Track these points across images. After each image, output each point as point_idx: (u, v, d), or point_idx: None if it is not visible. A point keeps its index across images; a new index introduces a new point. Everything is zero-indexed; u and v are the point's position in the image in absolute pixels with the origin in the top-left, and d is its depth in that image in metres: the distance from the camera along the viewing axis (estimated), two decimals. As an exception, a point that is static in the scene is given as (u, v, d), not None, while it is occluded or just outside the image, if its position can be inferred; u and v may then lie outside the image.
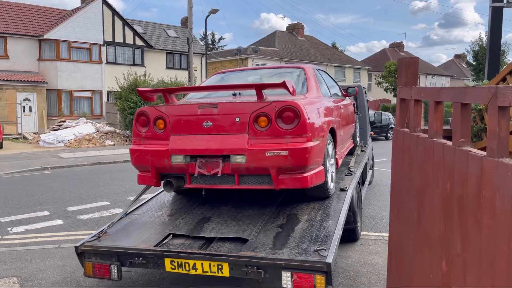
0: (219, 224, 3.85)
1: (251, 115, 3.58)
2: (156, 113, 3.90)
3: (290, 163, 3.49)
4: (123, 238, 3.84)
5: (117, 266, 3.54)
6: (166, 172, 3.93)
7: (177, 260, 3.38)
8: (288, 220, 3.84)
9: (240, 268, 3.21)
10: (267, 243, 3.40)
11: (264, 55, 33.52)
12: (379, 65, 45.05)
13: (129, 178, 10.16)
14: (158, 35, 30.30)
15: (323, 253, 3.11)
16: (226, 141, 3.60)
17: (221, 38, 62.13)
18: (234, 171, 3.64)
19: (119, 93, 17.61)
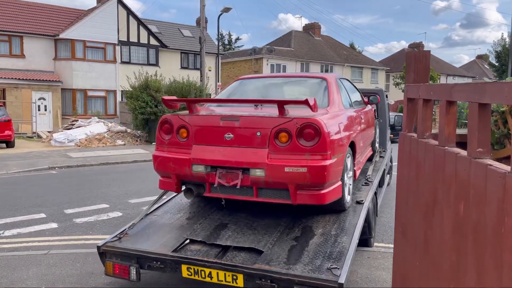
0: (235, 232, 3.91)
1: (272, 130, 3.64)
2: (179, 122, 3.99)
3: (309, 180, 3.53)
4: (143, 241, 3.92)
5: (136, 268, 3.66)
6: (187, 179, 4.05)
7: (193, 267, 3.47)
8: (303, 233, 3.86)
9: (254, 280, 3.27)
10: (281, 257, 3.43)
11: (279, 55, 33.09)
12: (397, 65, 44.06)
13: (133, 180, 9.91)
14: (173, 35, 30.20)
15: (336, 272, 3.12)
16: (246, 154, 3.68)
17: (238, 38, 61.88)
18: (253, 184, 3.72)
19: (130, 92, 17.46)
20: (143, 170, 11.56)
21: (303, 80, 5.46)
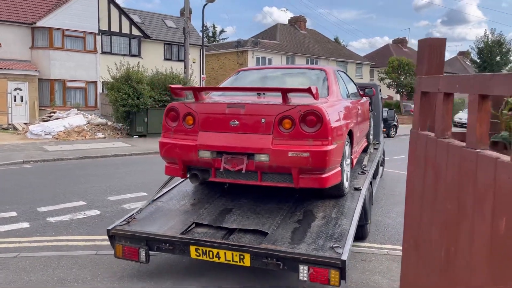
0: (240, 216, 4.13)
1: (276, 117, 3.82)
2: (186, 110, 4.14)
3: (311, 164, 3.73)
4: (150, 224, 4.08)
5: (145, 250, 3.83)
6: (193, 165, 4.22)
7: (201, 248, 3.65)
8: (305, 216, 4.10)
9: (260, 259, 3.48)
10: (285, 237, 3.65)
11: (265, 48, 32.70)
12: (381, 60, 44.16)
13: (113, 175, 9.47)
14: (156, 26, 29.46)
15: (339, 250, 3.35)
16: (252, 140, 3.86)
17: (222, 30, 61.24)
18: (257, 168, 3.91)
19: (111, 83, 16.86)
20: (124, 164, 11.11)
21: (303, 72, 5.67)
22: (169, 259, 4.74)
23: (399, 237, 5.66)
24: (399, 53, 45.19)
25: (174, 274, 4.38)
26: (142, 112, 16.53)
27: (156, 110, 17.08)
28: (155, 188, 8.21)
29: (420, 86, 2.18)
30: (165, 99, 17.20)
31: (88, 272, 4.38)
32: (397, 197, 7.86)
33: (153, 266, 4.50)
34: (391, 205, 7.29)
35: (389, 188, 8.62)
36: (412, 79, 31.70)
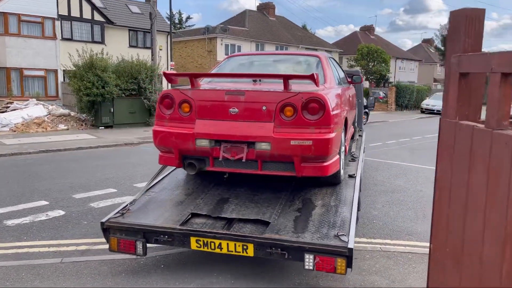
0: (238, 205, 4.05)
1: (278, 104, 3.72)
2: (181, 97, 3.98)
3: (314, 153, 3.66)
4: (146, 216, 3.93)
5: (142, 243, 3.69)
6: (189, 154, 4.06)
7: (203, 239, 3.56)
8: (304, 205, 4.07)
9: (265, 249, 3.43)
10: (288, 227, 3.61)
11: (234, 34, 31.99)
12: (349, 48, 44.33)
13: (78, 170, 8.78)
14: (119, 11, 28.15)
15: (344, 238, 3.33)
16: (252, 128, 3.75)
17: (189, 17, 59.68)
18: (258, 157, 3.80)
19: (73, 72, 15.82)
20: (89, 158, 10.39)
21: (297, 58, 5.52)
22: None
23: (388, 230, 5.42)
24: (366, 40, 45.50)
25: (152, 282, 3.92)
26: (108, 102, 15.65)
27: (123, 99, 16.24)
28: (126, 184, 7.67)
29: (459, 67, 1.81)
30: (132, 87, 16.36)
31: (51, 284, 3.85)
32: (379, 187, 7.65)
33: (128, 273, 4.03)
34: (375, 195, 7.06)
35: (370, 177, 8.41)
36: (380, 66, 31.94)
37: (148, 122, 16.97)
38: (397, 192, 7.31)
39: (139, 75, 16.33)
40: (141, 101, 16.59)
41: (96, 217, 5.75)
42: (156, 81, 17.15)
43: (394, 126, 19.53)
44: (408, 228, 5.47)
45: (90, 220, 5.63)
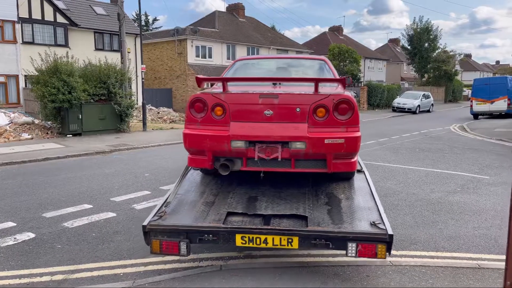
0: (269, 202, 4.22)
1: (311, 106, 3.95)
2: (214, 100, 4.09)
3: (345, 150, 3.93)
4: (183, 217, 3.99)
5: (186, 243, 3.75)
6: (223, 155, 4.16)
7: (248, 236, 3.71)
8: (330, 199, 4.34)
9: (309, 241, 3.67)
10: (325, 219, 3.85)
11: (204, 36, 31.37)
12: (320, 48, 44.54)
13: (47, 184, 8.05)
14: (84, 13, 27.01)
15: (381, 226, 3.64)
16: (287, 129, 3.94)
17: (155, 19, 58.46)
18: (292, 156, 4.01)
19: (36, 77, 14.84)
20: (58, 170, 9.64)
21: (305, 61, 5.86)
22: None
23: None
24: (335, 41, 45.86)
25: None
26: (76, 108, 14.78)
27: (92, 105, 15.40)
28: (102, 198, 7.07)
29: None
30: (101, 92, 15.55)
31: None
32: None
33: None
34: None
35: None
36: (352, 66, 32.15)
37: (120, 128, 16.20)
38: (389, 196, 7.05)
39: (108, 79, 15.55)
40: (111, 107, 15.80)
41: (71, 239, 5.16)
42: (127, 85, 16.40)
43: (370, 126, 19.53)
44: (410, 236, 5.18)
45: (64, 243, 5.03)
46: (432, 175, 8.70)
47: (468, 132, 17.24)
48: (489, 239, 5.09)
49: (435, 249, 4.79)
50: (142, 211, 6.24)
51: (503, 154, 11.43)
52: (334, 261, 4.43)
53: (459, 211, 6.19)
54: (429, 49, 46.03)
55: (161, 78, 32.21)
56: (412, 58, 47.47)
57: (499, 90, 23.54)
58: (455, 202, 6.68)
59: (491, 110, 24.02)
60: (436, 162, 10.13)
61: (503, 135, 15.34)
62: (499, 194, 7.15)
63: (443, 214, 6.05)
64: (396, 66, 59.02)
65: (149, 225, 3.82)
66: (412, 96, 31.39)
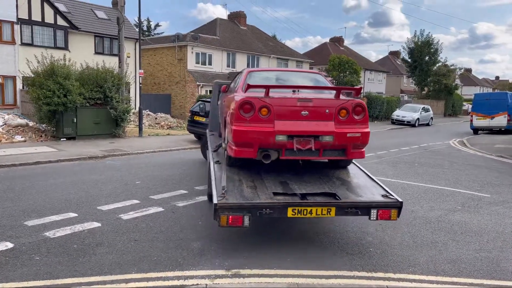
0: (298, 185, 5.27)
1: (337, 108, 5.14)
2: (261, 103, 5.02)
3: (361, 142, 5.22)
4: (241, 197, 4.81)
5: (249, 217, 4.63)
6: (266, 147, 5.10)
7: (297, 208, 4.74)
8: (341, 181, 5.57)
9: (343, 210, 4.85)
10: (349, 194, 5.09)
11: (205, 43, 31.27)
12: (320, 59, 44.52)
13: (34, 190, 7.76)
14: (85, 16, 26.91)
15: (392, 196, 5.02)
16: (319, 126, 5.07)
17: (158, 25, 58.56)
18: (321, 147, 5.11)
19: (32, 79, 14.62)
20: (48, 174, 9.37)
21: (307, 75, 7.04)
22: None
23: (387, 260, 4.85)
24: (336, 51, 45.85)
25: None
26: (71, 112, 14.55)
27: (87, 109, 15.16)
28: (89, 207, 6.80)
29: None
30: (97, 96, 15.32)
31: None
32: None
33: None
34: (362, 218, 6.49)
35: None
36: (352, 77, 32.04)
37: (115, 133, 15.94)
38: (387, 212, 6.79)
39: (105, 83, 15.34)
40: (107, 111, 15.56)
41: (51, 250, 4.89)
42: (124, 89, 16.19)
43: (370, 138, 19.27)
44: (409, 258, 4.93)
45: (43, 255, 4.75)
46: (431, 191, 8.45)
47: (468, 147, 17.02)
48: (491, 262, 4.84)
49: (435, 272, 4.53)
50: (128, 222, 5.98)
51: (504, 172, 11.19)
52: (327, 283, 4.18)
53: (460, 231, 5.94)
54: (430, 62, 46.01)
55: (160, 83, 32.05)
56: (412, 71, 47.44)
57: (500, 105, 23.40)
58: (456, 221, 6.43)
59: (491, 126, 23.85)
60: (435, 178, 9.89)
61: (504, 152, 15.12)
62: (500, 214, 6.90)
63: (443, 235, 5.80)
64: (396, 78, 59.03)
65: (219, 204, 4.58)
66: (412, 109, 31.23)
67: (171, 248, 5.06)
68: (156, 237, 5.40)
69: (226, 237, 5.46)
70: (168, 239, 5.36)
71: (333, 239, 5.53)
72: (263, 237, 5.53)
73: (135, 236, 5.41)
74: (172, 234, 5.52)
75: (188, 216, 6.34)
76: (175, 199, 7.30)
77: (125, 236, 5.41)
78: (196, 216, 6.33)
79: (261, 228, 5.83)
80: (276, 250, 5.05)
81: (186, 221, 6.08)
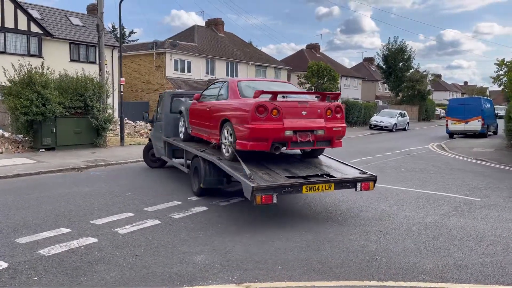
0: (298, 170, 6.73)
1: (325, 109, 6.72)
2: (272, 106, 6.31)
3: (341, 134, 6.92)
4: (265, 181, 6.02)
5: (276, 195, 5.90)
6: (278, 141, 6.41)
7: (310, 186, 6.18)
8: (325, 166, 7.24)
9: (339, 184, 6.48)
10: (337, 174, 6.70)
11: (183, 50, 31.04)
12: (297, 65, 44.95)
13: (21, 204, 7.41)
14: (59, 23, 26.28)
15: (368, 173, 6.90)
16: (315, 122, 6.59)
17: (132, 32, 57.91)
18: (315, 139, 6.62)
19: (8, 88, 14.08)
20: (31, 187, 8.99)
21: (281, 83, 9.29)
22: None
23: (395, 268, 4.83)
24: (313, 58, 46.40)
25: None
26: (49, 121, 14.09)
27: (67, 118, 14.73)
28: (82, 221, 6.57)
29: None
30: (78, 105, 14.91)
31: None
32: (365, 213, 7.12)
33: None
34: (365, 224, 6.52)
35: (351, 202, 7.90)
36: (331, 83, 32.43)
37: (96, 143, 15.53)
38: (385, 219, 6.83)
39: (86, 92, 14.95)
40: (87, 120, 15.16)
41: (49, 269, 4.64)
42: (105, 98, 15.80)
43: (351, 143, 19.52)
44: (416, 265, 4.93)
45: (41, 274, 4.50)
46: (423, 196, 8.57)
47: (447, 151, 17.44)
48: (496, 267, 4.89)
49: (444, 279, 4.54)
50: (126, 236, 5.76)
51: (488, 175, 11.49)
52: (342, 295, 4.11)
53: (459, 236, 6.01)
54: (403, 68, 47.17)
55: (138, 91, 31.56)
56: (387, 77, 48.49)
57: (474, 110, 24.13)
58: (453, 226, 6.52)
59: (466, 130, 24.56)
60: (424, 183, 10.05)
61: (482, 155, 15.56)
62: (494, 218, 7.04)
63: (444, 240, 5.85)
64: (371, 84, 60.22)
65: (255, 187, 5.72)
66: (389, 115, 31.86)
67: (175, 262, 4.89)
68: (158, 252, 5.22)
69: (229, 249, 5.34)
70: (170, 253, 5.18)
71: (338, 247, 5.48)
72: (268, 246, 5.43)
73: (135, 251, 5.21)
74: (173, 248, 5.35)
75: (187, 228, 6.18)
76: (170, 210, 7.12)
77: (125, 251, 5.20)
78: (196, 228, 6.17)
79: (264, 238, 5.73)
80: (283, 261, 4.96)
81: (186, 234, 5.91)
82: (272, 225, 6.39)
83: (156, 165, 11.82)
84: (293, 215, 6.99)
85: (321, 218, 6.83)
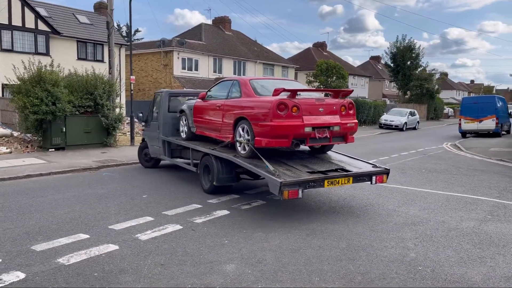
0: (316, 165, 6.97)
1: (340, 106, 7.07)
2: (292, 103, 6.52)
3: (354, 130, 7.25)
4: (289, 177, 6.20)
5: (302, 190, 6.09)
6: (297, 137, 6.62)
7: (331, 180, 6.40)
8: (338, 161, 7.51)
9: (356, 178, 6.76)
10: (352, 169, 7.00)
11: (191, 48, 30.71)
12: (304, 64, 44.55)
13: (34, 207, 7.09)
14: (66, 21, 26.01)
15: (380, 166, 7.34)
16: (331, 119, 6.88)
17: (137, 30, 57.66)
18: (332, 135, 6.89)
19: (17, 86, 13.79)
20: (43, 189, 8.68)
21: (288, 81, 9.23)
22: None
23: (442, 280, 4.46)
24: (320, 56, 45.97)
25: None
26: (59, 120, 13.80)
27: (77, 117, 14.44)
28: (100, 226, 6.24)
29: None
30: (88, 104, 14.61)
31: None
32: (395, 218, 6.74)
33: None
34: (398, 230, 6.15)
35: (377, 205, 7.53)
36: (340, 82, 32.00)
37: (106, 143, 15.23)
38: (418, 224, 6.46)
39: (96, 91, 14.64)
40: (97, 119, 14.87)
41: (69, 280, 4.31)
42: (115, 96, 15.50)
43: (362, 143, 19.11)
44: (463, 276, 4.56)
45: (62, 286, 4.17)
46: (452, 199, 8.18)
47: (464, 151, 17.01)
48: (551, 279, 4.52)
49: (498, 293, 4.18)
50: (148, 243, 5.43)
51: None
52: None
53: (502, 244, 5.63)
54: (412, 67, 46.59)
55: (145, 90, 31.28)
56: (395, 76, 47.92)
57: (487, 109, 23.66)
58: (493, 232, 6.13)
59: (479, 129, 24.09)
60: (449, 185, 9.66)
61: (502, 155, 15.13)
62: (532, 223, 6.65)
63: (486, 248, 5.47)
64: (378, 83, 59.69)
65: (283, 182, 5.89)
66: (399, 113, 31.39)
67: (204, 273, 4.55)
68: (184, 260, 4.88)
69: (260, 258, 4.99)
70: (197, 262, 4.84)
71: (375, 256, 5.12)
72: (300, 255, 5.08)
73: (160, 260, 4.88)
74: (200, 256, 5.01)
75: (211, 234, 5.83)
76: (190, 214, 6.78)
77: (148, 260, 4.87)
78: (220, 234, 5.82)
79: (294, 245, 5.38)
80: (319, 271, 4.61)
81: (211, 241, 5.56)
82: (300, 231, 6.03)
83: (149, 165, 11.56)
84: (320, 221, 6.63)
85: (351, 224, 6.46)
